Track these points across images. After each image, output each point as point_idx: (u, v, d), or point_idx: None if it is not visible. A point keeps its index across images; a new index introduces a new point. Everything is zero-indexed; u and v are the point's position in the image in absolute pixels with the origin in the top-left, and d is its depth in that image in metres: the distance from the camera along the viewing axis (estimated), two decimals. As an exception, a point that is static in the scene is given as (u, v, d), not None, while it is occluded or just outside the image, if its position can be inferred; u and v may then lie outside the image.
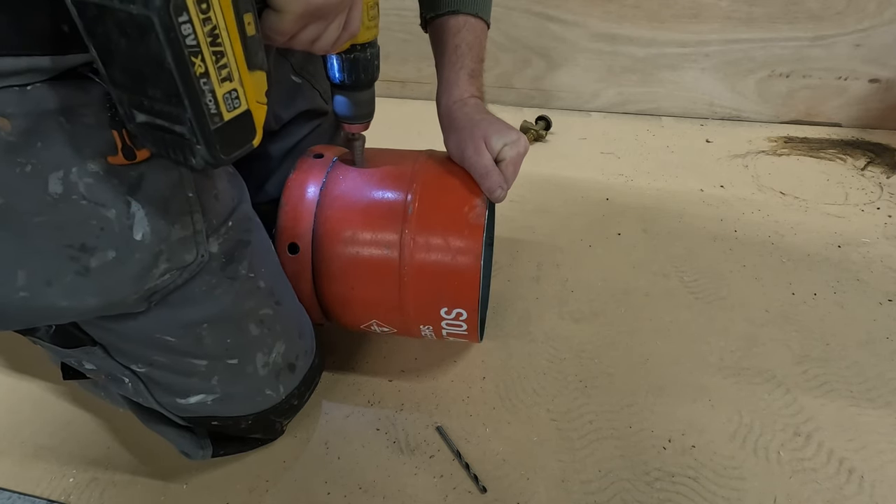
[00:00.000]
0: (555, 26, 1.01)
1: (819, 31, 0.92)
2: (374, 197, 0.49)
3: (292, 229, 0.49)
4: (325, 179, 0.51)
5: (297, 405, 0.51)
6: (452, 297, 0.48)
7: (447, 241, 0.46)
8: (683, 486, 0.49)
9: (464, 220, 0.46)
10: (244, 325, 0.44)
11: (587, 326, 0.64)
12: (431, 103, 0.58)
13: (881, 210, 0.80)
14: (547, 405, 0.56)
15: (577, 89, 1.09)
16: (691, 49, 0.99)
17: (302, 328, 0.50)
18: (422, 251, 0.47)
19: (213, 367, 0.43)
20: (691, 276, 0.70)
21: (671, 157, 0.95)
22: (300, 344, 0.49)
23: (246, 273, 0.43)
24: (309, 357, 0.51)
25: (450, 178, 0.49)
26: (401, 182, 0.49)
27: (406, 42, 1.10)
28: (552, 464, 0.51)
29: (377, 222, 0.48)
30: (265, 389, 0.46)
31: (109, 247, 0.35)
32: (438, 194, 0.48)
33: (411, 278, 0.47)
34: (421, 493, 0.49)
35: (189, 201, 0.38)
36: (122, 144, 0.34)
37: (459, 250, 0.46)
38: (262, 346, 0.45)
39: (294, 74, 0.58)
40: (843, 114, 1.00)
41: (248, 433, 0.51)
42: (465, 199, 0.47)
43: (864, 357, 0.59)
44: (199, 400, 0.44)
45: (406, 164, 0.51)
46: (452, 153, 0.51)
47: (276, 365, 0.47)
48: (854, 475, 0.49)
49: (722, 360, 0.60)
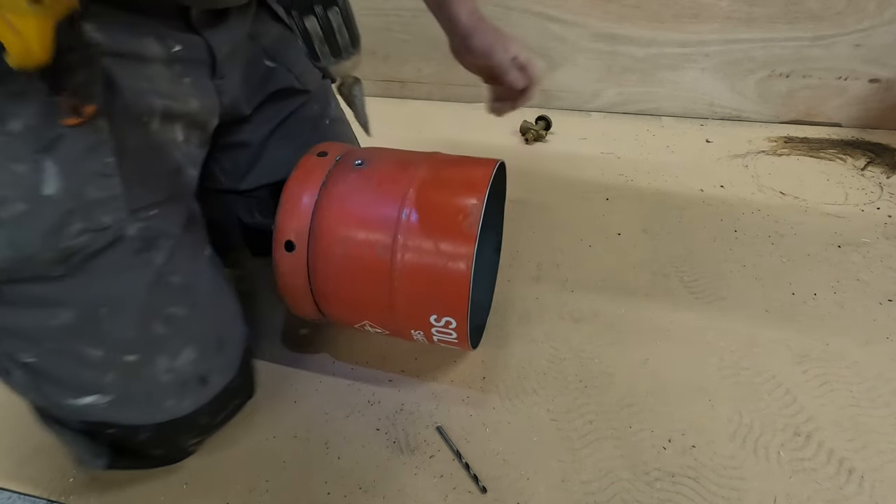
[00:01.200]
0: (555, 26, 1.01)
1: (819, 31, 0.92)
2: (371, 200, 0.49)
3: (289, 227, 0.49)
4: (326, 179, 0.51)
5: (205, 425, 0.48)
6: (442, 305, 0.47)
7: (439, 247, 0.46)
8: (683, 486, 0.49)
9: (457, 229, 0.46)
10: (148, 320, 0.42)
11: (587, 326, 0.64)
12: (431, 103, 0.59)
13: (881, 210, 0.80)
14: (547, 405, 0.56)
15: (577, 89, 1.09)
16: (691, 49, 0.99)
17: (224, 342, 0.47)
18: (413, 256, 0.46)
19: (109, 360, 0.41)
20: (691, 276, 0.70)
21: (671, 157, 0.95)
22: (217, 358, 0.47)
23: (161, 264, 0.42)
24: (227, 375, 0.47)
25: (448, 184, 0.49)
26: (399, 186, 0.49)
27: (406, 42, 1.10)
28: (552, 464, 0.51)
29: (372, 225, 0.48)
30: (166, 399, 0.43)
31: (19, 199, 0.36)
32: (435, 200, 0.48)
33: (401, 282, 0.47)
34: (421, 494, 0.49)
35: (107, 165, 0.39)
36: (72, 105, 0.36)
37: (451, 257, 0.46)
38: (165, 347, 0.43)
39: (267, 59, 0.58)
40: (843, 114, 1.00)
41: (147, 448, 0.47)
42: (461, 207, 0.47)
43: (864, 357, 0.59)
44: (92, 401, 0.41)
45: (406, 168, 0.51)
46: (477, 54, 0.56)
47: (183, 374, 0.44)
48: (854, 475, 0.49)
49: (722, 360, 0.60)
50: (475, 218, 0.46)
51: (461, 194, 0.48)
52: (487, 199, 0.47)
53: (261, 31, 0.56)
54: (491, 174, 0.48)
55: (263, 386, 0.60)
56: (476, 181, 0.48)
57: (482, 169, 0.50)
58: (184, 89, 0.47)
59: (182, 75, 0.47)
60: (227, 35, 0.50)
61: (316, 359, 0.62)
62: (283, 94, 0.60)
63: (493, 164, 0.50)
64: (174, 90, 0.46)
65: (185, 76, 0.47)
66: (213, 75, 0.50)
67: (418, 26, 1.07)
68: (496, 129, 1.05)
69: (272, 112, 0.60)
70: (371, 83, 1.19)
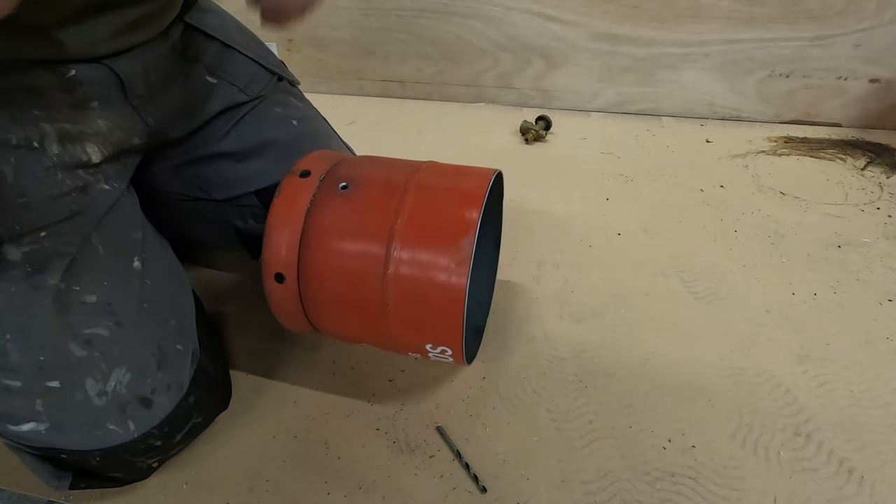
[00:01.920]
0: (555, 26, 1.01)
1: (819, 31, 0.92)
2: (358, 231, 0.46)
3: (277, 260, 0.47)
4: (311, 206, 0.48)
5: (162, 447, 0.46)
6: (437, 337, 0.47)
7: (431, 283, 0.44)
8: (683, 486, 0.49)
9: (448, 264, 0.44)
10: (62, 343, 0.40)
11: (587, 326, 0.64)
12: (431, 103, 0.58)
13: (881, 210, 0.80)
14: (547, 405, 0.56)
15: (577, 89, 1.09)
16: (691, 49, 0.99)
17: (166, 359, 0.45)
18: (405, 292, 0.45)
19: (31, 389, 0.40)
20: (691, 276, 0.70)
21: (671, 157, 0.95)
22: (159, 376, 0.44)
23: (60, 285, 0.41)
24: (175, 393, 0.45)
25: (437, 220, 0.46)
26: (386, 215, 0.46)
27: (405, 42, 1.10)
28: (552, 464, 0.51)
29: (361, 260, 0.46)
30: (107, 423, 0.41)
31: None
32: (425, 233, 0.45)
33: (395, 318, 0.46)
34: (421, 494, 0.49)
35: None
36: None
37: (443, 293, 0.44)
38: (91, 370, 0.41)
39: (209, 76, 0.57)
40: (843, 114, 1.00)
41: (104, 471, 0.46)
42: (452, 240, 0.44)
43: (865, 357, 0.59)
44: (31, 428, 0.40)
45: (393, 193, 0.47)
46: None
47: (120, 396, 0.42)
48: (854, 475, 0.49)
49: (722, 360, 0.60)
50: (468, 252, 0.44)
51: (450, 230, 0.45)
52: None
53: (198, 50, 0.56)
54: (482, 203, 0.45)
55: (263, 386, 0.60)
56: (465, 218, 0.45)
57: (473, 195, 0.46)
58: (89, 112, 0.46)
59: (88, 98, 0.46)
60: (132, 60, 0.48)
61: (316, 359, 0.62)
62: (231, 107, 0.59)
63: (485, 185, 0.47)
64: (75, 115, 0.45)
65: (92, 99, 0.46)
66: (126, 97, 0.49)
67: (418, 26, 1.08)
68: (496, 129, 1.05)
69: (227, 123, 0.59)
70: (371, 83, 1.19)
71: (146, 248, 0.49)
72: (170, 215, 0.61)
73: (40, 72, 0.44)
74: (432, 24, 1.07)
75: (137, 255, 0.47)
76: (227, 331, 0.66)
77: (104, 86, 0.47)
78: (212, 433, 0.54)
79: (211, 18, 0.59)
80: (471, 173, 0.50)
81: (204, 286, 0.70)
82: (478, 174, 0.49)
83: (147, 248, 0.49)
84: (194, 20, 0.56)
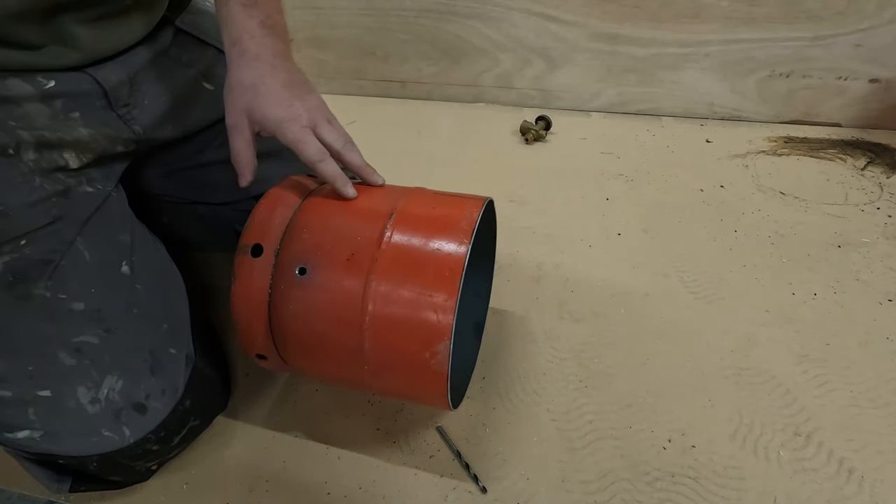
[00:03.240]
0: (555, 26, 1.01)
1: (819, 31, 0.92)
2: (325, 330, 0.42)
3: (253, 342, 0.45)
4: (271, 296, 0.43)
5: (159, 451, 0.46)
6: (421, 399, 0.48)
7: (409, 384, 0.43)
8: (683, 486, 0.49)
9: (424, 366, 0.40)
10: (50, 353, 0.40)
11: (587, 326, 0.64)
12: (430, 103, 0.58)
13: (881, 210, 0.80)
14: (547, 405, 0.56)
15: (577, 89, 1.09)
16: (691, 49, 0.99)
17: (159, 364, 0.45)
18: (384, 378, 0.43)
19: (23, 398, 0.40)
20: (691, 276, 0.70)
21: (671, 157, 0.95)
22: (153, 381, 0.44)
23: (45, 294, 0.41)
24: (170, 397, 0.45)
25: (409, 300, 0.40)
26: (352, 309, 0.41)
27: (405, 42, 1.10)
28: (552, 464, 0.51)
29: (333, 357, 0.43)
30: (101, 430, 0.41)
31: None
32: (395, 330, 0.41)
33: (377, 389, 0.46)
34: (421, 493, 0.49)
35: None
36: None
37: (424, 391, 0.43)
38: (82, 378, 0.41)
39: (205, 82, 0.56)
40: (843, 114, 1.00)
41: (103, 475, 0.46)
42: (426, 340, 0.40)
43: (864, 357, 0.59)
44: (26, 436, 0.40)
45: (358, 274, 0.41)
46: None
47: (113, 403, 0.42)
48: (854, 475, 0.49)
49: (722, 360, 0.60)
50: (444, 356, 0.40)
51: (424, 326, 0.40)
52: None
53: (193, 57, 0.55)
54: (456, 295, 0.39)
55: (263, 386, 0.60)
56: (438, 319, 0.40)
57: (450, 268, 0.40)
58: (70, 122, 0.44)
59: (68, 109, 0.44)
60: (116, 68, 0.47)
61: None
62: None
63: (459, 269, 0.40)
64: (55, 124, 0.44)
65: (73, 111, 0.45)
66: (110, 105, 0.47)
67: (418, 26, 1.08)
68: (496, 130, 1.05)
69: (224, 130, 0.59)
70: (371, 83, 1.19)
71: (136, 250, 0.48)
72: (168, 218, 0.61)
73: (16, 82, 0.42)
74: (432, 25, 1.07)
75: (126, 259, 0.47)
76: (226, 331, 0.66)
77: (86, 96, 0.46)
78: (211, 433, 0.54)
79: (205, 21, 0.57)
80: (451, 221, 0.43)
81: (201, 285, 0.70)
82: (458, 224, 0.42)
83: (136, 250, 0.48)
84: (186, 24, 0.55)
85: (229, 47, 0.44)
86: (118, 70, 0.47)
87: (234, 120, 0.43)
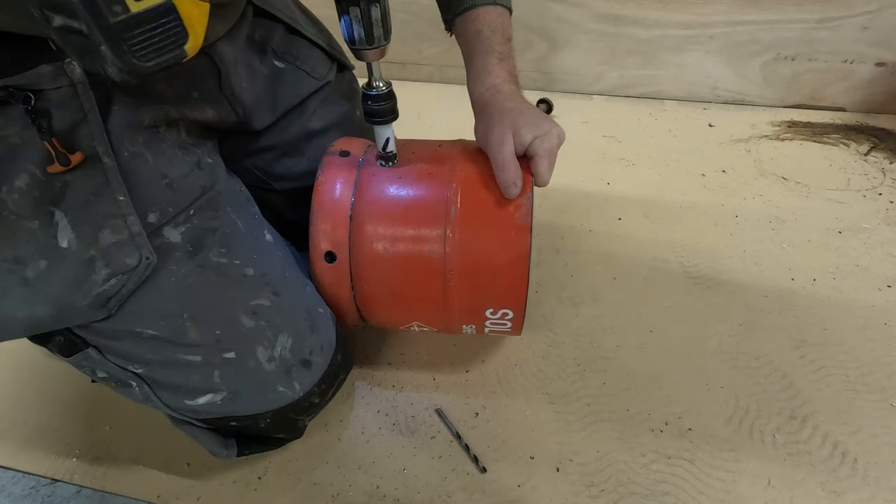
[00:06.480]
0: (557, 7, 0.99)
1: (826, 12, 0.90)
2: (412, 199, 0.46)
3: (328, 237, 0.47)
4: (357, 180, 0.48)
5: (318, 403, 0.49)
6: (499, 299, 0.47)
7: (493, 242, 0.45)
8: (679, 468, 0.50)
9: (510, 221, 0.45)
10: (233, 316, 0.43)
11: (586, 311, 0.65)
12: (431, 85, 0.57)
13: (883, 196, 0.80)
14: (545, 388, 0.57)
15: (580, 72, 1.07)
16: (695, 31, 0.97)
17: (315, 322, 0.48)
18: (467, 254, 0.45)
19: (210, 362, 0.42)
20: (691, 261, 0.70)
21: (673, 142, 0.94)
22: (314, 339, 0.47)
23: (220, 261, 0.42)
24: (327, 353, 0.48)
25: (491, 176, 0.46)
26: (439, 181, 0.46)
27: (405, 23, 1.08)
28: (550, 446, 0.52)
29: (418, 226, 0.46)
30: (277, 386, 0.44)
31: (39, 256, 0.36)
32: (481, 194, 0.46)
33: (457, 282, 0.46)
34: (421, 474, 0.50)
35: (119, 205, 0.38)
36: (56, 153, 0.35)
37: (506, 252, 0.45)
38: (260, 338, 0.44)
39: (277, 60, 0.55)
40: (847, 98, 0.99)
41: (269, 433, 0.49)
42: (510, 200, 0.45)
43: (862, 342, 0.60)
44: (207, 400, 0.43)
45: (441, 161, 0.48)
46: (480, 142, 0.49)
47: (285, 360, 0.45)
48: (848, 458, 0.50)
49: (720, 344, 0.60)
50: (527, 208, 0.45)
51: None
52: None
53: (266, 35, 0.54)
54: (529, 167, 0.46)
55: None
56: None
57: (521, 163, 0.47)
58: (192, 102, 0.46)
59: (190, 89, 0.45)
60: (228, 46, 0.48)
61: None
62: (298, 93, 0.57)
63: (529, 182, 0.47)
64: (181, 104, 0.45)
65: (193, 90, 0.46)
66: (220, 86, 0.48)
67: (418, 6, 1.06)
68: (497, 112, 1.04)
69: (296, 115, 0.57)
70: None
71: (266, 220, 0.50)
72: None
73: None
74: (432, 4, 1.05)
75: (266, 227, 0.49)
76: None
77: (202, 77, 0.46)
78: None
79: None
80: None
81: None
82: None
83: (266, 220, 0.50)
84: (261, 1, 0.54)
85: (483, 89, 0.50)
86: (227, 49, 0.48)
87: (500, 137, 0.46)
